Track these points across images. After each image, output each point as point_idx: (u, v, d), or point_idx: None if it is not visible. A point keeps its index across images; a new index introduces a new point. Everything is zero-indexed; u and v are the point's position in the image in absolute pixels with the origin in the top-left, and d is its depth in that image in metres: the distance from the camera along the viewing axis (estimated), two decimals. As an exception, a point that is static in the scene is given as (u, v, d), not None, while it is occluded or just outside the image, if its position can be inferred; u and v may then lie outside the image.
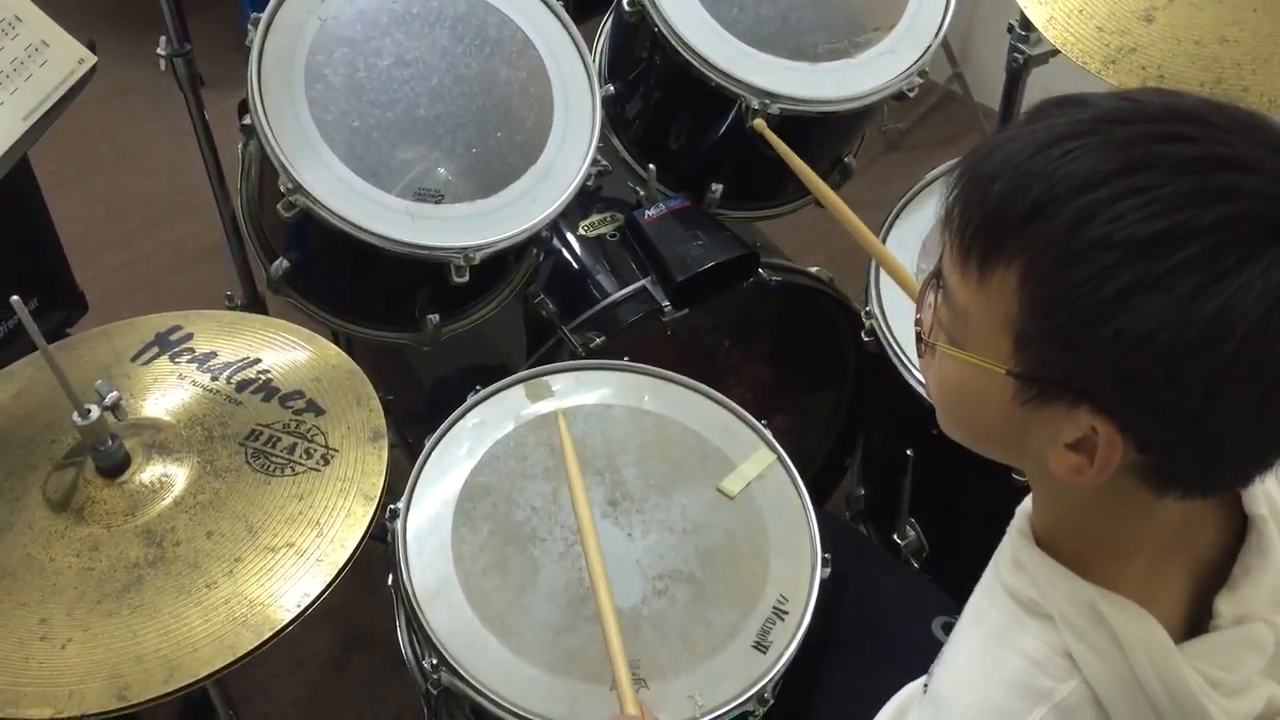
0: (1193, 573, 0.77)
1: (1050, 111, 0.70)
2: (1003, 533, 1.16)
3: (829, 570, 1.29)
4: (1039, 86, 1.85)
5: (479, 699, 1.17)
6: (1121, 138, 0.66)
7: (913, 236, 1.66)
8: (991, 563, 0.87)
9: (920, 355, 0.81)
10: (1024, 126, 0.70)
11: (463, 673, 1.18)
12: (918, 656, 1.17)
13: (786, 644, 1.23)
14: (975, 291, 0.70)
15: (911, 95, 1.69)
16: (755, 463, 1.39)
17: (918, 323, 0.80)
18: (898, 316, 1.57)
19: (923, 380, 1.42)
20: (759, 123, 1.59)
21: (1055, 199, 0.65)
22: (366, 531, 1.12)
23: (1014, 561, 0.81)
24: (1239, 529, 0.78)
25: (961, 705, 0.79)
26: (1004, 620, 0.80)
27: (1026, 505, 0.84)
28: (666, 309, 1.65)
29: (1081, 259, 0.64)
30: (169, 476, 1.17)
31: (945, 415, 0.81)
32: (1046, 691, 0.74)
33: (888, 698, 1.11)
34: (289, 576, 1.08)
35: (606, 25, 1.79)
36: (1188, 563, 0.77)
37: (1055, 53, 1.66)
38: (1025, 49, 1.77)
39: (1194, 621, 0.76)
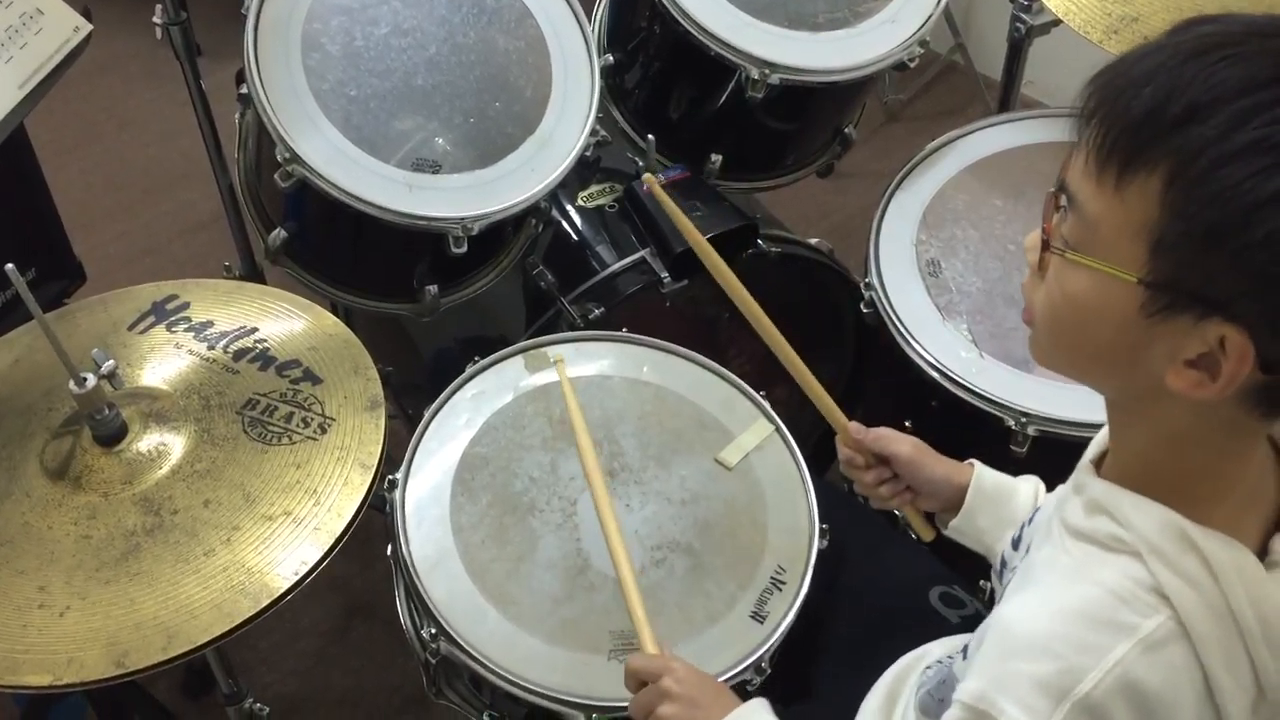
0: (1262, 519, 0.77)
1: (1199, 24, 0.70)
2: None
3: (827, 541, 1.29)
4: (1041, 56, 1.84)
5: (477, 668, 1.17)
6: (1277, 48, 0.67)
7: (913, 207, 1.66)
8: (1044, 522, 0.86)
9: (1042, 267, 0.78)
10: (1168, 39, 0.70)
11: (461, 642, 1.18)
12: (915, 626, 1.18)
13: (784, 614, 1.23)
14: (1111, 199, 0.70)
15: (912, 65, 1.68)
16: (754, 434, 1.39)
17: (1046, 231, 0.78)
18: (897, 289, 1.57)
19: (928, 358, 1.44)
20: (648, 176, 1.56)
21: (1213, 101, 0.65)
22: (364, 500, 1.12)
23: (1087, 505, 0.80)
24: None
25: (1037, 636, 0.76)
26: (1079, 561, 0.78)
27: (1085, 463, 0.84)
28: (666, 280, 1.64)
29: (1237, 159, 0.64)
30: (166, 445, 1.17)
31: (1050, 337, 0.80)
32: (1131, 626, 0.73)
33: (885, 667, 1.12)
34: (286, 545, 1.08)
35: (606, -6, 1.78)
36: (1261, 508, 0.78)
37: (1057, 22, 1.65)
38: (1027, 19, 1.76)
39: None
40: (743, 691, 1.21)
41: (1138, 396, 0.77)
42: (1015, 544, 0.97)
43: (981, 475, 1.16)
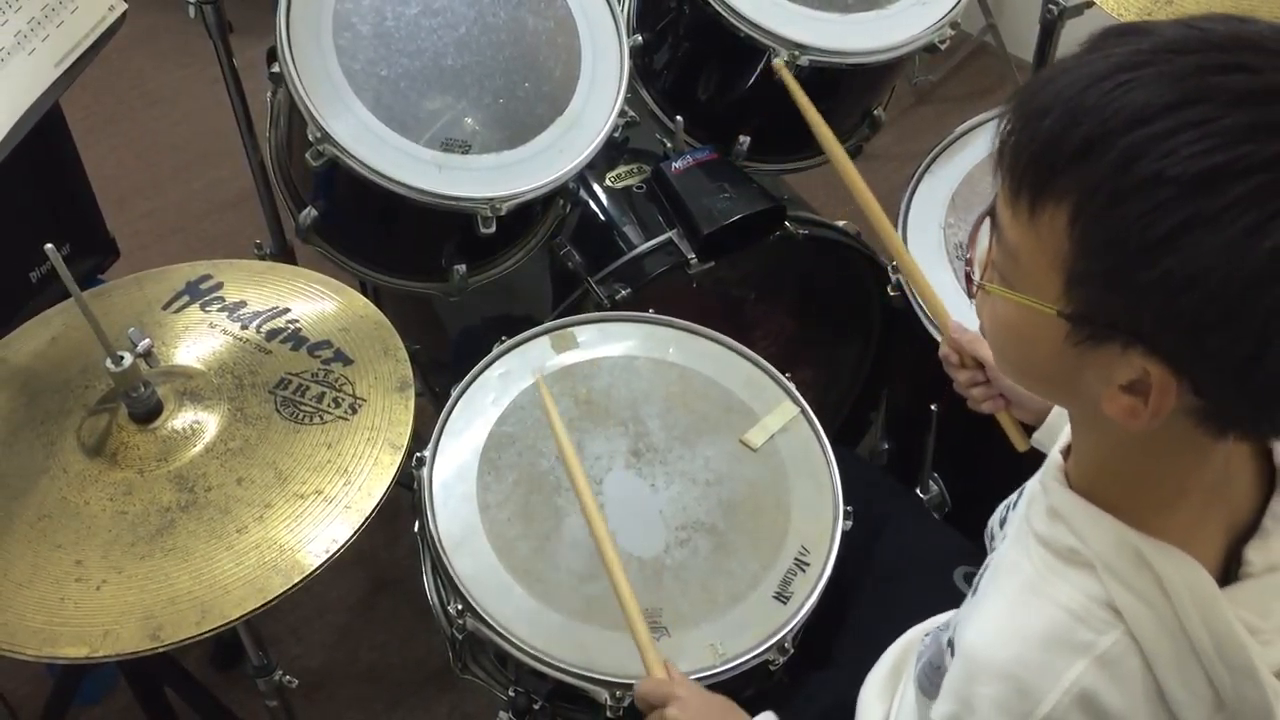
0: (1228, 523, 0.76)
1: (1109, 41, 0.67)
2: (1024, 480, 1.17)
3: (851, 523, 1.30)
4: (1074, 38, 1.83)
5: (502, 644, 1.19)
6: (1179, 68, 0.63)
7: (942, 190, 1.65)
8: (1019, 516, 0.86)
9: (971, 296, 0.80)
10: (1080, 57, 0.68)
11: (487, 618, 1.19)
12: (937, 604, 1.18)
13: (807, 595, 1.24)
14: (1026, 230, 0.69)
15: (943, 47, 1.67)
16: (779, 415, 1.40)
17: (968, 262, 0.79)
18: (925, 271, 1.56)
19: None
20: (777, 63, 1.56)
21: (1106, 134, 0.63)
22: (393, 480, 1.13)
23: (1049, 511, 0.80)
24: (1269, 479, 0.78)
25: (996, 662, 0.77)
26: (1039, 571, 0.78)
27: (1056, 458, 0.83)
28: (692, 261, 1.65)
29: (1131, 197, 0.62)
30: (200, 423, 1.19)
31: (998, 356, 0.81)
32: (1087, 644, 0.73)
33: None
34: (317, 522, 1.10)
35: (635, -26, 1.78)
36: (1224, 513, 0.76)
37: (1090, 4, 1.64)
38: (1060, 0, 1.75)
39: (1225, 571, 0.76)
40: (765, 671, 1.23)
41: (1086, 413, 0.76)
42: (1002, 524, 0.97)
43: None
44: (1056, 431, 1.12)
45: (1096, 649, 0.73)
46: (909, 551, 1.38)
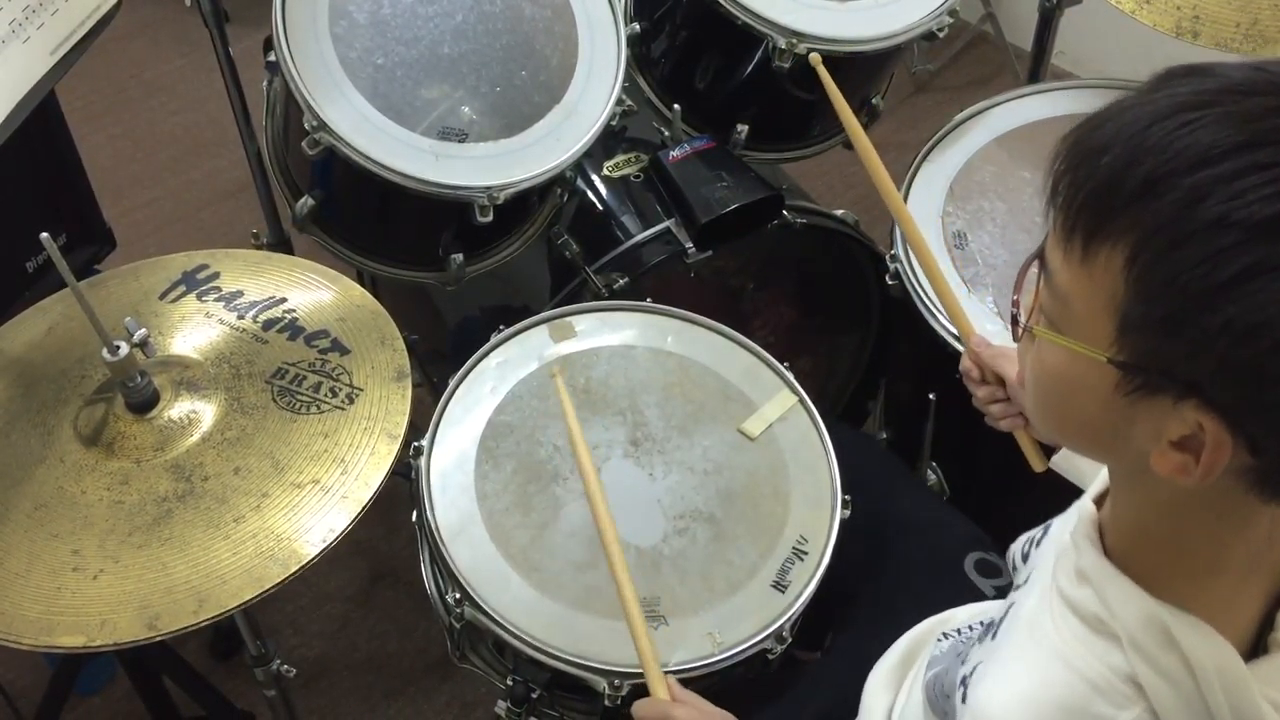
0: (1268, 589, 0.73)
1: (1174, 80, 0.64)
2: (1023, 478, 1.17)
3: (849, 512, 1.30)
4: (1072, 27, 1.82)
5: (501, 633, 1.19)
6: (1247, 110, 0.60)
7: (940, 179, 1.65)
8: (1047, 568, 0.83)
9: (1017, 339, 0.76)
10: (1143, 95, 0.64)
11: (485, 607, 1.19)
12: (948, 593, 1.17)
13: (805, 584, 1.24)
14: (1078, 272, 0.66)
15: (942, 35, 1.66)
16: (777, 404, 1.39)
17: (1014, 304, 0.75)
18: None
19: (952, 330, 1.43)
20: (814, 57, 1.55)
21: (1169, 174, 0.60)
22: (390, 469, 1.13)
23: (1078, 572, 0.77)
24: None
25: None
26: (1061, 636, 0.76)
27: (1089, 508, 0.79)
28: (690, 250, 1.64)
29: (1194, 240, 0.59)
30: (197, 413, 1.19)
31: (1039, 407, 0.77)
32: (1104, 718, 0.71)
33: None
34: (314, 512, 1.10)
35: (633, -38, 1.77)
36: (1266, 579, 0.73)
37: (1088, -8, 1.63)
38: (1058, -12, 1.74)
39: (1257, 637, 0.73)
40: (763, 659, 1.23)
41: (1130, 470, 0.73)
42: (1025, 557, 0.94)
43: None
44: (1077, 458, 1.09)
45: None
46: (920, 535, 1.36)
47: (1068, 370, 0.70)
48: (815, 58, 1.55)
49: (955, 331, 1.47)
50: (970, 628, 1.01)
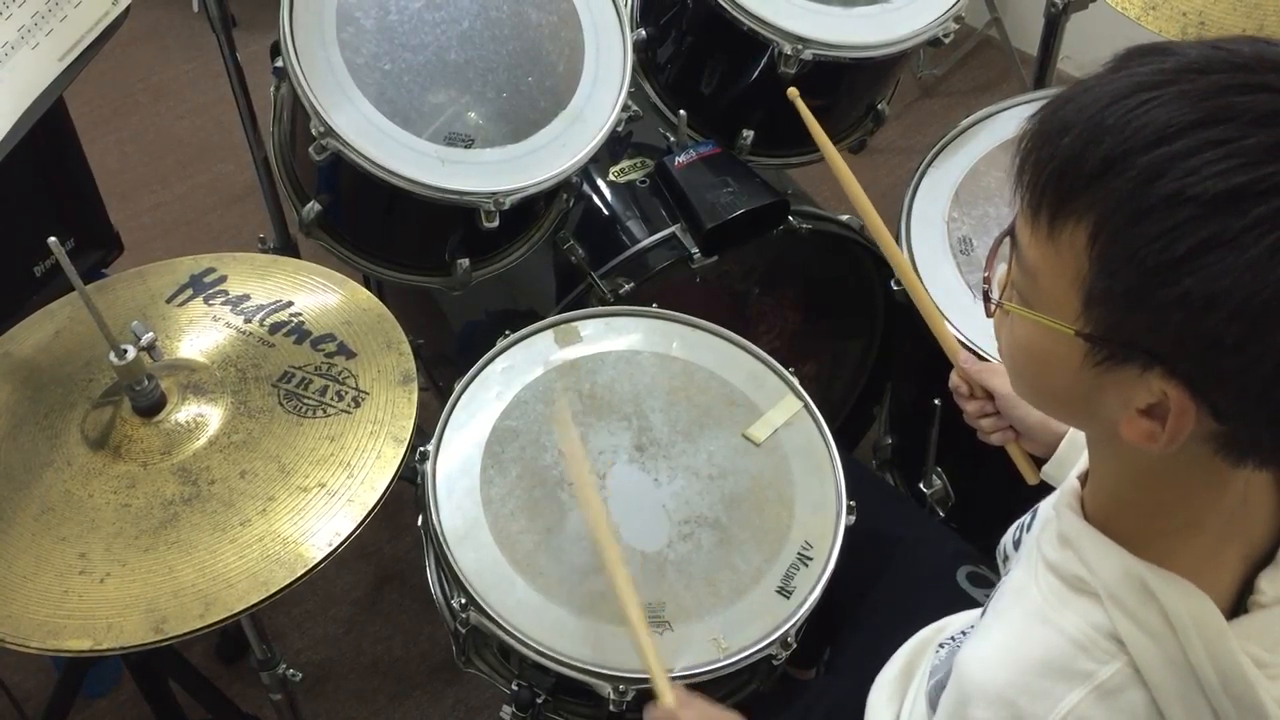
0: (1245, 552, 0.75)
1: (1132, 60, 0.67)
2: (1029, 486, 1.17)
3: (854, 518, 1.30)
4: (1078, 32, 1.82)
5: (506, 637, 1.19)
6: (1202, 88, 0.62)
7: (945, 184, 1.65)
8: (1032, 539, 0.85)
9: (990, 315, 0.79)
10: (1103, 76, 0.67)
11: (490, 612, 1.20)
12: (942, 605, 1.18)
13: (810, 589, 1.24)
14: (1045, 249, 0.68)
15: (947, 40, 1.66)
16: (782, 410, 1.40)
17: (986, 281, 0.78)
18: (928, 266, 1.56)
19: (952, 331, 1.43)
20: (792, 91, 1.55)
21: (1127, 153, 0.62)
22: (396, 473, 1.13)
23: (1059, 537, 0.79)
24: None
25: (992, 686, 0.77)
26: (1044, 597, 0.77)
27: (1072, 482, 0.82)
28: (696, 256, 1.65)
29: (1152, 215, 0.61)
30: (204, 416, 1.19)
31: (1015, 378, 0.79)
32: (1086, 673, 0.73)
33: (909, 644, 1.13)
34: (320, 516, 1.10)
35: (639, -32, 1.78)
36: (1242, 541, 0.75)
37: (1094, -2, 1.63)
38: (1064, -7, 1.74)
39: (1237, 600, 0.74)
40: (768, 665, 1.23)
41: (1104, 437, 0.75)
42: (1016, 544, 0.96)
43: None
44: (1067, 464, 1.12)
45: (1096, 679, 0.72)
46: (911, 552, 1.38)
47: (1039, 343, 0.72)
48: (793, 92, 1.55)
49: (961, 338, 1.48)
50: (964, 633, 1.02)
